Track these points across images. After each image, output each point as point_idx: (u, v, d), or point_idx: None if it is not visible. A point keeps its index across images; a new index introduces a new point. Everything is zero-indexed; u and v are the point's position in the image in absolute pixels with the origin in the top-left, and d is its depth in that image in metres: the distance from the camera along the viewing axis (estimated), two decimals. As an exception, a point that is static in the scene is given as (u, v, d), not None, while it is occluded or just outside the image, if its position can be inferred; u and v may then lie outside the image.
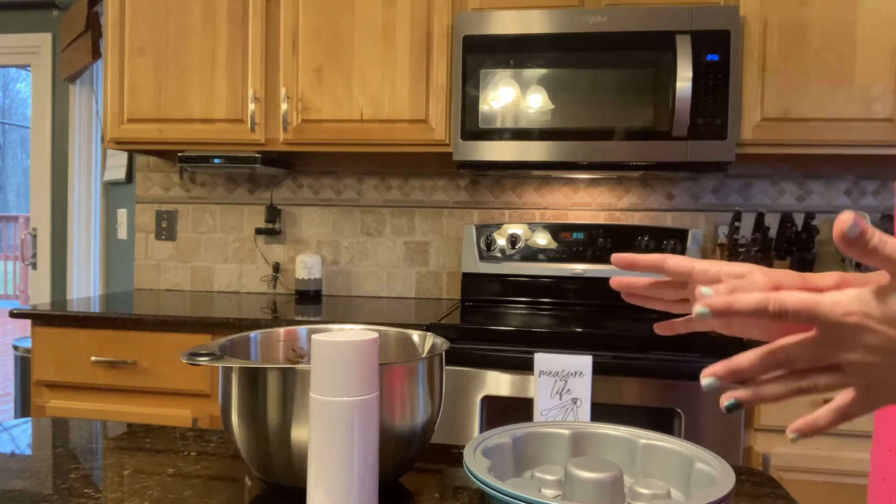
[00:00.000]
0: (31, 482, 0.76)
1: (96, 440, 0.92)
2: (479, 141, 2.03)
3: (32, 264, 3.47)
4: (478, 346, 1.76)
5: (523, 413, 1.72)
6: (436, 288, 2.50)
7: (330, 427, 0.60)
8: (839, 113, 1.96)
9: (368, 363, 0.61)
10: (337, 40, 2.17)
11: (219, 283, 2.64)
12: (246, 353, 0.87)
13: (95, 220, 3.35)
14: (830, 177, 2.30)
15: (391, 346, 0.92)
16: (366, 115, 2.15)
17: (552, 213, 2.43)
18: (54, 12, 3.41)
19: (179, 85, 2.25)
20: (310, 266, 2.43)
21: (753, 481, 0.80)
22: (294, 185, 2.59)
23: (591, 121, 1.97)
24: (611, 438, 0.75)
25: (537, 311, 2.17)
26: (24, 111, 13.94)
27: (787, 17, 1.97)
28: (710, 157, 1.93)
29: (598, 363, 1.66)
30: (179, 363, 1.95)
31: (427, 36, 2.12)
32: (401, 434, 0.73)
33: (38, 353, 2.02)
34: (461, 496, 0.74)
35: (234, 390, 0.73)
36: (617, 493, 0.63)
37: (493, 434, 0.74)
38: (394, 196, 2.52)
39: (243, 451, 0.74)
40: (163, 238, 2.66)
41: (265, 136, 2.22)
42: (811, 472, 1.68)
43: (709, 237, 2.33)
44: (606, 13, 1.96)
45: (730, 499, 0.60)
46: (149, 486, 0.75)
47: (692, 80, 1.91)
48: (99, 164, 3.30)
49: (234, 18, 2.22)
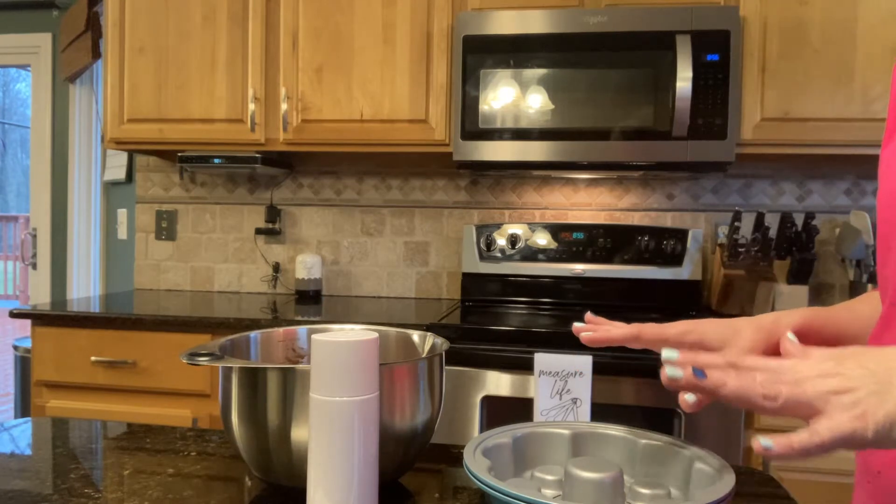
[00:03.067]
0: (31, 482, 0.76)
1: (96, 440, 0.92)
2: (479, 141, 2.02)
3: (32, 264, 3.47)
4: (478, 346, 1.76)
5: (523, 413, 1.72)
6: (436, 288, 2.50)
7: (330, 427, 0.60)
8: (839, 113, 1.96)
9: (368, 363, 0.61)
10: (337, 40, 2.17)
11: (219, 283, 2.64)
12: (246, 353, 0.87)
13: (95, 220, 3.35)
14: (830, 177, 2.30)
15: (391, 346, 0.92)
16: (366, 115, 2.15)
17: (552, 213, 2.43)
18: (54, 12, 3.41)
19: (179, 85, 2.25)
20: (310, 266, 2.43)
21: (753, 481, 0.80)
22: (294, 185, 2.59)
23: (591, 121, 1.97)
24: (611, 438, 0.75)
25: (537, 311, 2.17)
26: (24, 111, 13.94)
27: (787, 17, 1.97)
28: (710, 157, 1.93)
29: (597, 363, 1.66)
30: (179, 363, 1.95)
31: (427, 36, 2.12)
32: (401, 434, 0.73)
33: (38, 353, 2.02)
34: (461, 496, 0.74)
35: (234, 390, 0.73)
36: (617, 493, 0.63)
37: (493, 434, 0.74)
38: (394, 196, 2.52)
39: (243, 451, 0.74)
40: (163, 238, 2.66)
41: (265, 136, 2.22)
42: (811, 472, 1.68)
43: (709, 237, 2.33)
44: (606, 13, 1.96)
45: (730, 499, 0.60)
46: (149, 486, 0.75)
47: (692, 80, 1.91)
48: (99, 164, 3.30)
49: (234, 18, 2.22)
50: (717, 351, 0.69)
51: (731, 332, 0.69)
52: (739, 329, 0.69)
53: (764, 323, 0.70)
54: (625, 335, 0.73)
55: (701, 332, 0.70)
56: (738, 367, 0.53)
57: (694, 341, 0.71)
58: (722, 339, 0.69)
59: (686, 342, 0.71)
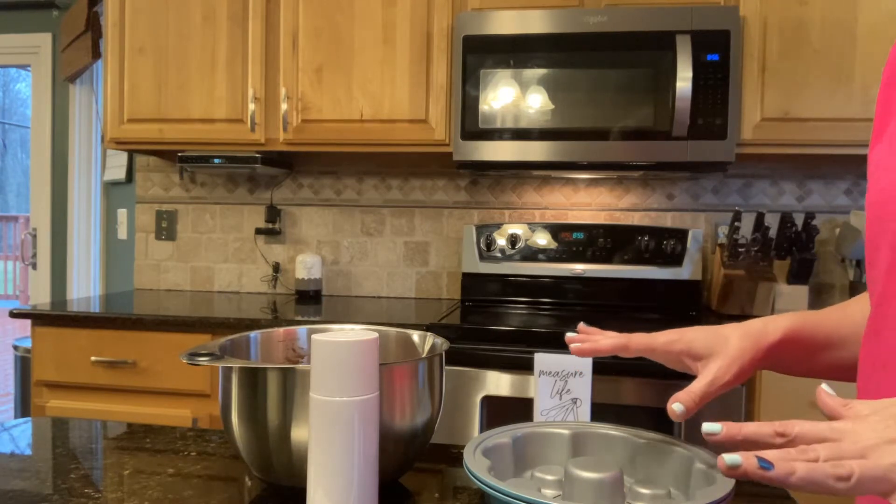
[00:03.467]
0: (31, 482, 0.76)
1: (96, 440, 0.92)
2: (479, 141, 2.02)
3: (32, 264, 3.47)
4: (478, 346, 1.76)
5: (523, 413, 1.72)
6: (436, 288, 2.50)
7: (330, 427, 0.60)
8: (839, 113, 1.96)
9: (368, 363, 0.61)
10: (337, 40, 2.17)
11: (219, 283, 2.64)
12: (246, 353, 0.87)
13: (95, 220, 3.35)
14: (830, 177, 2.30)
15: (391, 346, 0.92)
16: (366, 115, 2.15)
17: (552, 213, 2.43)
18: (54, 12, 3.41)
19: (179, 85, 2.25)
20: (310, 266, 2.43)
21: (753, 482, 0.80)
22: (294, 185, 2.59)
23: (591, 121, 1.97)
24: (611, 438, 0.75)
25: (537, 311, 2.17)
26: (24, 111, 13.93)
27: (787, 17, 1.97)
28: (710, 157, 1.93)
29: (598, 363, 1.65)
30: (179, 363, 1.95)
31: (427, 36, 2.12)
32: (401, 434, 0.73)
33: (38, 353, 2.02)
34: (461, 496, 0.74)
35: (234, 390, 0.73)
36: (617, 493, 0.63)
37: (493, 434, 0.74)
38: (394, 196, 2.52)
39: (243, 451, 0.74)
40: (163, 238, 2.66)
41: (265, 136, 2.22)
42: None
43: (709, 237, 2.33)
44: (606, 13, 1.96)
45: (730, 499, 0.60)
46: (149, 486, 0.75)
47: (692, 79, 1.91)
48: (99, 164, 3.30)
49: (234, 18, 2.22)
50: (704, 359, 0.69)
51: (719, 340, 0.69)
52: (727, 337, 0.69)
53: (751, 330, 0.69)
54: (613, 345, 0.74)
55: (688, 341, 0.70)
56: (786, 435, 0.50)
57: (681, 350, 0.71)
58: (709, 347, 0.69)
59: (673, 351, 0.71)
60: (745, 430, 0.52)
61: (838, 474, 0.45)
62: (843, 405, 0.51)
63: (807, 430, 0.49)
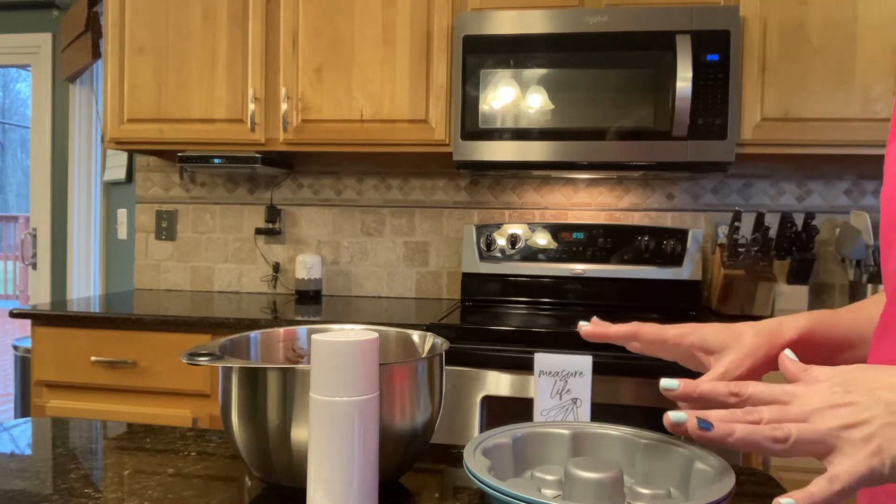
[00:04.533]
0: (31, 482, 0.76)
1: (96, 440, 0.92)
2: (479, 141, 2.02)
3: (32, 264, 3.47)
4: (478, 346, 1.76)
5: (523, 413, 1.72)
6: (436, 288, 2.50)
7: (330, 427, 0.60)
8: (839, 113, 1.95)
9: (368, 363, 0.61)
10: (337, 40, 2.17)
11: (219, 283, 2.64)
12: (246, 353, 0.87)
13: (95, 220, 3.35)
14: (830, 177, 2.30)
15: (391, 346, 0.92)
16: (366, 115, 2.15)
17: (552, 213, 2.43)
18: (54, 12, 3.41)
19: (179, 85, 2.25)
20: (310, 266, 2.43)
21: (753, 481, 0.80)
22: (294, 185, 2.59)
23: (591, 121, 1.97)
24: (611, 438, 0.75)
25: (537, 311, 2.17)
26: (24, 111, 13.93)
27: (787, 17, 1.97)
28: (710, 157, 1.93)
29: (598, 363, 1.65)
30: (179, 363, 1.95)
31: (427, 36, 2.12)
32: (401, 434, 0.73)
33: (38, 353, 2.02)
34: (461, 496, 0.74)
35: (234, 390, 0.73)
36: (617, 493, 0.63)
37: (493, 434, 0.74)
38: (394, 196, 2.52)
39: (243, 451, 0.74)
40: (163, 238, 2.66)
41: (265, 136, 2.22)
42: (811, 472, 1.67)
43: (709, 237, 2.33)
44: (606, 13, 1.96)
45: (730, 499, 0.60)
46: (149, 486, 0.75)
47: (692, 79, 1.91)
48: (99, 164, 3.30)
49: (234, 18, 2.22)
50: (716, 353, 0.69)
51: (732, 335, 0.69)
52: (740, 332, 0.69)
53: (766, 328, 0.68)
54: (623, 332, 0.72)
55: (701, 335, 0.69)
56: (740, 395, 0.51)
57: (692, 343, 0.70)
58: (722, 342, 0.68)
59: (684, 344, 0.70)
60: (701, 387, 0.53)
61: (775, 436, 0.46)
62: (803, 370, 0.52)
63: (760, 391, 0.50)
